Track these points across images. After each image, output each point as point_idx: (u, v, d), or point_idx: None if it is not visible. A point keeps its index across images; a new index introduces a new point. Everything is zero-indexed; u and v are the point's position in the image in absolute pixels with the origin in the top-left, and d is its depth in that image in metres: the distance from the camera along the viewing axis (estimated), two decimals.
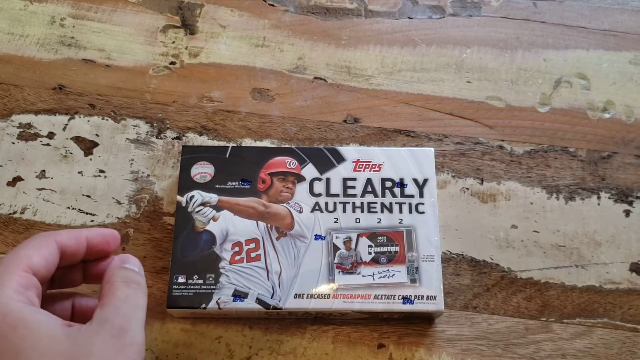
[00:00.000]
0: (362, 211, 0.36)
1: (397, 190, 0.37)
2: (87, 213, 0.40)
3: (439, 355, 0.36)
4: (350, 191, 0.37)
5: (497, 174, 0.41)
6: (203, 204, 0.36)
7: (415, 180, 0.37)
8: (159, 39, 0.46)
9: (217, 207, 0.36)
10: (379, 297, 0.34)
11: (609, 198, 0.40)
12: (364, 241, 0.35)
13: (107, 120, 0.43)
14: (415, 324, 0.37)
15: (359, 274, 0.35)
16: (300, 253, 0.35)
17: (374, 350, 0.36)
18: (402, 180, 0.37)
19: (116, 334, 0.26)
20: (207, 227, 0.36)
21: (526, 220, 0.39)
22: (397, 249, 0.35)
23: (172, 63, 0.45)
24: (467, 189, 0.40)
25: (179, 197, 0.36)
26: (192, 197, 0.36)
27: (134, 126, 0.42)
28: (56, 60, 0.45)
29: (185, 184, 0.37)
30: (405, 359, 0.36)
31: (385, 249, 0.35)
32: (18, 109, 0.43)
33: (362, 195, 0.37)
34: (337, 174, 0.37)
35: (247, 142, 0.42)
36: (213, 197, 0.36)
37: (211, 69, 0.44)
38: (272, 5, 0.47)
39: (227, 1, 0.47)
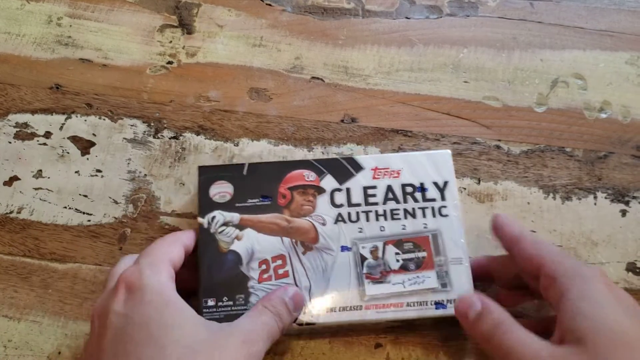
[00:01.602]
0: (385, 219, 0.36)
1: (418, 195, 0.36)
2: (83, 213, 0.40)
3: (436, 355, 0.36)
4: (371, 199, 0.36)
5: (494, 173, 0.41)
6: (225, 224, 0.35)
7: (435, 184, 0.36)
8: (156, 38, 0.46)
9: (240, 226, 0.35)
10: (412, 304, 0.34)
11: (606, 198, 0.40)
12: (391, 249, 0.35)
13: (104, 119, 0.43)
14: (414, 324, 0.37)
15: (389, 282, 0.34)
16: (328, 266, 0.35)
17: (370, 350, 0.36)
18: (422, 184, 0.36)
19: (248, 342, 0.29)
20: (232, 247, 0.35)
21: (523, 220, 0.40)
22: (424, 254, 0.35)
23: (169, 62, 0.45)
24: (464, 188, 0.40)
25: (200, 219, 0.35)
26: (213, 217, 0.35)
27: (131, 126, 0.42)
28: (53, 59, 0.45)
29: (206, 204, 0.36)
30: (402, 358, 0.36)
31: (412, 255, 0.35)
32: (15, 108, 0.43)
33: (384, 203, 0.36)
34: (356, 183, 0.37)
35: (245, 142, 0.42)
36: (235, 216, 0.35)
37: (208, 68, 0.44)
38: (270, 5, 0.47)
39: (224, 1, 0.47)
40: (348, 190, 0.36)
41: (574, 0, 0.47)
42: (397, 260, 0.35)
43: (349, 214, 0.36)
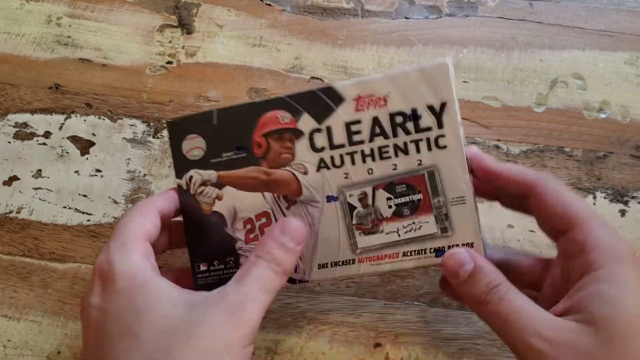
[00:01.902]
0: (373, 159, 0.31)
1: (410, 125, 0.30)
2: (83, 212, 0.40)
3: (436, 354, 0.36)
4: (356, 137, 0.31)
5: None
6: (204, 184, 0.33)
7: (430, 108, 0.30)
8: (155, 38, 0.46)
9: (219, 184, 0.32)
10: (409, 253, 0.31)
11: (605, 198, 0.40)
12: (382, 194, 0.31)
13: (103, 119, 0.43)
14: (413, 323, 0.37)
15: (382, 232, 0.31)
16: (315, 219, 0.31)
17: (370, 350, 0.36)
18: (414, 111, 0.30)
19: (232, 310, 0.26)
20: (215, 208, 0.32)
21: (522, 220, 0.40)
22: (420, 196, 0.30)
23: (169, 62, 0.45)
24: None
25: (177, 181, 0.33)
26: (190, 177, 0.33)
27: (131, 125, 0.42)
28: (52, 59, 0.45)
29: (180, 164, 0.33)
30: (401, 358, 0.36)
31: (406, 198, 0.31)
32: (14, 108, 0.43)
33: (371, 140, 0.31)
34: (337, 119, 0.31)
35: None
36: (212, 174, 0.32)
37: (208, 68, 0.44)
38: (269, 5, 0.47)
39: (223, 1, 0.47)
40: (329, 129, 0.31)
41: (574, 1, 0.47)
42: (390, 207, 0.31)
43: (332, 158, 0.31)
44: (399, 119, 0.30)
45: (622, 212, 0.40)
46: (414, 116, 0.30)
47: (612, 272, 0.25)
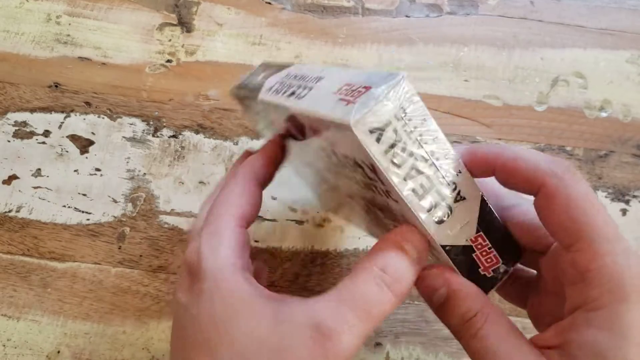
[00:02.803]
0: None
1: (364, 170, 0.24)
2: (83, 212, 0.40)
3: (436, 354, 0.36)
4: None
5: None
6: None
7: (363, 163, 0.23)
8: (155, 36, 0.45)
9: None
10: None
11: (606, 197, 0.40)
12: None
13: (103, 118, 0.42)
14: (413, 323, 0.37)
15: None
16: None
17: (370, 349, 0.36)
18: (355, 160, 0.24)
19: (322, 339, 0.20)
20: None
21: None
22: None
23: (169, 61, 0.44)
24: None
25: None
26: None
27: (130, 124, 0.42)
28: (52, 58, 0.44)
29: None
30: (402, 357, 0.36)
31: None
32: (14, 107, 0.43)
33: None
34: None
35: (244, 141, 0.42)
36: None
37: (208, 67, 0.44)
38: (269, 3, 0.47)
39: None
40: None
41: None
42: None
43: None
44: (349, 161, 0.25)
45: (624, 212, 0.40)
46: (358, 164, 0.24)
47: (614, 316, 0.19)
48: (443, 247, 0.23)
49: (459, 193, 0.23)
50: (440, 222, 0.23)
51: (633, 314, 0.19)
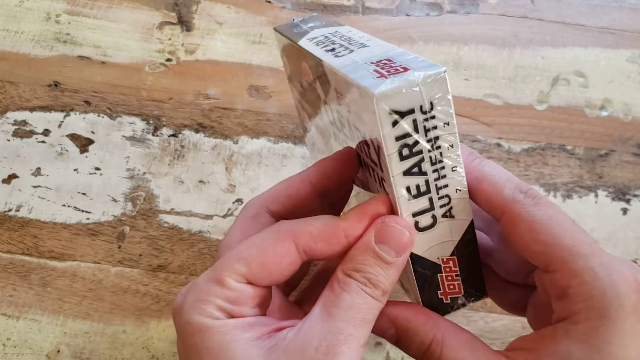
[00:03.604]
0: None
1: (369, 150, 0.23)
2: (82, 211, 0.40)
3: None
4: None
5: None
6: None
7: (371, 141, 0.22)
8: (155, 35, 0.45)
9: None
10: None
11: (607, 196, 0.40)
12: None
13: (102, 117, 0.42)
14: None
15: None
16: None
17: (370, 349, 0.36)
18: (364, 137, 0.23)
19: (322, 357, 0.19)
20: None
21: None
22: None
23: (168, 60, 0.44)
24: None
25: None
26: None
27: (130, 123, 0.42)
28: (51, 57, 0.44)
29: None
30: (402, 357, 0.36)
31: None
32: (13, 106, 0.43)
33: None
34: None
35: (244, 140, 0.42)
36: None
37: (207, 66, 0.44)
38: (269, 2, 0.47)
39: None
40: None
41: None
42: None
43: None
44: (358, 134, 0.24)
45: (624, 211, 0.40)
46: (365, 142, 0.23)
47: (592, 330, 0.19)
48: (412, 254, 0.23)
49: (450, 209, 0.23)
50: (420, 229, 0.22)
51: (611, 330, 0.19)
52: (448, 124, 0.21)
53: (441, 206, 0.22)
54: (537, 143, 0.42)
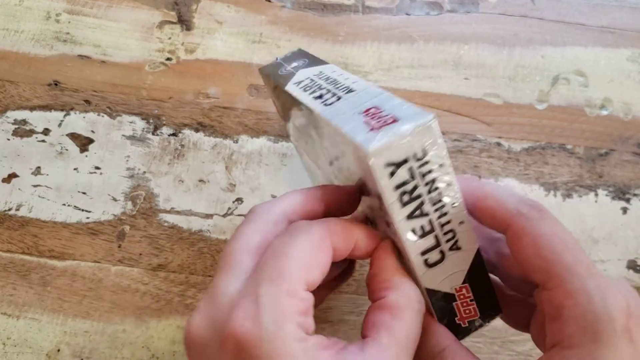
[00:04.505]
0: None
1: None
2: (82, 210, 0.40)
3: None
4: None
5: (495, 171, 0.41)
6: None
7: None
8: (154, 34, 0.45)
9: None
10: None
11: (607, 195, 0.40)
12: None
13: (102, 116, 0.42)
14: None
15: None
16: None
17: None
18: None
19: None
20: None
21: None
22: None
23: (168, 59, 0.44)
24: None
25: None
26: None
27: (130, 122, 0.42)
28: (51, 56, 0.44)
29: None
30: None
31: None
32: (13, 105, 0.43)
33: None
34: None
35: (244, 139, 0.42)
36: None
37: (207, 65, 0.44)
38: (269, 1, 0.47)
39: None
40: None
41: None
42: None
43: None
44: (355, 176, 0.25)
45: (624, 210, 0.40)
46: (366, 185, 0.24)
47: (586, 356, 0.19)
48: (426, 289, 0.24)
49: (456, 242, 0.23)
50: (430, 265, 0.23)
51: (604, 355, 0.19)
52: (442, 165, 0.22)
53: (447, 241, 0.23)
54: (537, 142, 0.42)
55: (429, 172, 0.22)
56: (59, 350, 0.36)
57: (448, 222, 0.23)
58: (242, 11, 0.46)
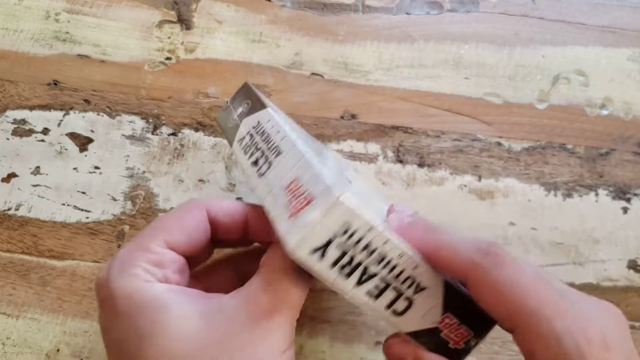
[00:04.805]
0: None
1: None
2: (82, 210, 0.39)
3: None
4: None
5: (495, 170, 0.41)
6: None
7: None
8: (154, 34, 0.45)
9: None
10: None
11: (607, 195, 0.40)
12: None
13: (102, 116, 0.42)
14: None
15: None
16: None
17: (371, 348, 0.36)
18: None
19: (260, 316, 0.21)
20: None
21: (524, 218, 0.39)
22: None
23: (168, 58, 0.44)
24: (465, 185, 0.40)
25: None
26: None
27: (130, 122, 0.42)
28: (51, 55, 0.44)
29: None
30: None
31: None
32: (12, 104, 0.43)
33: None
34: None
35: None
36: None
37: (207, 64, 0.44)
38: (269, 0, 0.47)
39: None
40: None
41: None
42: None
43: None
44: None
45: (625, 210, 0.40)
46: None
47: None
48: (408, 333, 0.24)
49: (417, 285, 0.23)
50: (401, 313, 0.24)
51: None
52: (371, 228, 0.21)
53: (408, 287, 0.23)
54: (537, 142, 0.42)
55: (360, 239, 0.21)
56: (58, 350, 0.36)
57: (401, 272, 0.23)
58: (241, 10, 0.46)
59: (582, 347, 0.19)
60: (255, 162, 0.26)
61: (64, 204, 0.40)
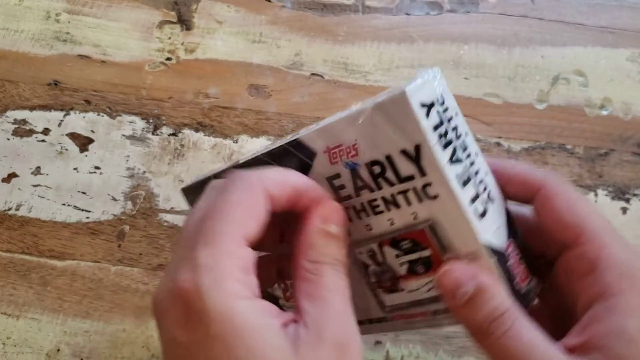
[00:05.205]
0: (367, 214, 0.25)
1: (390, 174, 0.23)
2: (82, 210, 0.40)
3: (436, 352, 0.36)
4: (342, 192, 0.25)
5: None
6: None
7: (404, 153, 0.22)
8: (154, 34, 0.45)
9: None
10: (439, 312, 0.26)
11: (606, 195, 0.40)
12: (389, 251, 0.25)
13: (102, 116, 0.42)
14: None
15: (403, 290, 0.26)
16: None
17: (370, 347, 0.36)
18: (389, 158, 0.23)
19: (339, 351, 0.20)
20: None
21: None
22: (428, 252, 0.24)
23: (168, 59, 0.44)
24: None
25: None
26: None
27: (130, 122, 0.42)
28: (51, 55, 0.44)
29: None
30: (402, 356, 0.36)
31: (415, 255, 0.25)
32: (13, 104, 0.43)
33: (357, 195, 0.24)
34: (317, 175, 0.25)
35: (244, 139, 0.42)
36: None
37: (207, 64, 0.44)
38: (269, 1, 0.47)
39: None
40: None
41: None
42: (401, 264, 0.25)
43: None
44: (376, 169, 0.23)
45: (624, 210, 0.40)
46: (391, 164, 0.23)
47: (632, 300, 0.20)
48: (485, 247, 0.22)
49: (489, 194, 0.22)
50: (481, 215, 0.22)
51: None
52: (457, 113, 0.22)
53: (483, 190, 0.23)
54: (537, 142, 0.42)
55: (451, 118, 0.22)
56: (58, 350, 0.36)
57: (477, 172, 0.22)
58: (242, 11, 0.46)
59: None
60: None
61: (64, 204, 0.40)
